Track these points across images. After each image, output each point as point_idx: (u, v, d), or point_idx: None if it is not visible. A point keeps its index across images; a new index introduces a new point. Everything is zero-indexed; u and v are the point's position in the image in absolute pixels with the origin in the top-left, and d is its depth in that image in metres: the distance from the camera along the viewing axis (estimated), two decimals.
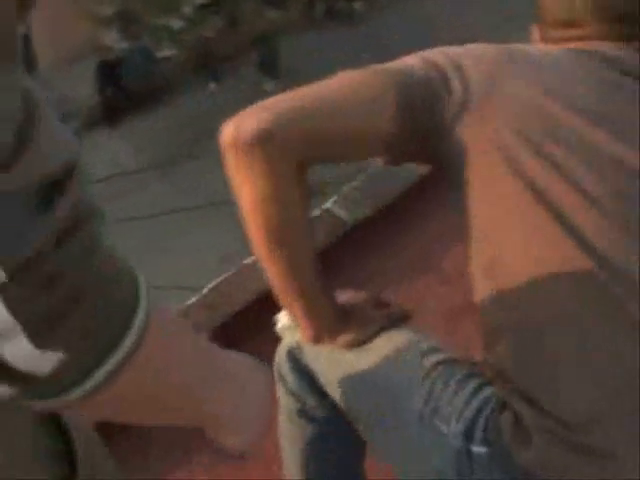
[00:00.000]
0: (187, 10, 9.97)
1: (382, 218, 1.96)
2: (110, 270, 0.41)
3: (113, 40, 9.24)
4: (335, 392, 0.99)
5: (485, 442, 0.80)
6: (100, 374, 0.41)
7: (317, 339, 0.96)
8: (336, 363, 0.98)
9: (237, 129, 0.81)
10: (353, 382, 0.95)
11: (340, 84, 0.87)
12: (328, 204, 1.98)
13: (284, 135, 0.81)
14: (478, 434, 0.81)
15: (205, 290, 1.83)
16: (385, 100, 0.84)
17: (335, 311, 0.95)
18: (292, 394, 1.07)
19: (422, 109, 0.84)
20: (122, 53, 9.28)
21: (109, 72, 9.04)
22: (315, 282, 0.91)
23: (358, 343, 0.95)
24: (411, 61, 0.88)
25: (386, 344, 0.94)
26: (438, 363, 0.89)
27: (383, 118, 0.84)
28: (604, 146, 0.80)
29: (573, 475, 0.75)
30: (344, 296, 1.00)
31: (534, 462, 0.77)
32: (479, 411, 0.82)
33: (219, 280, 1.86)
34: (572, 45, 0.90)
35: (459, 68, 0.85)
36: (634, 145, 0.80)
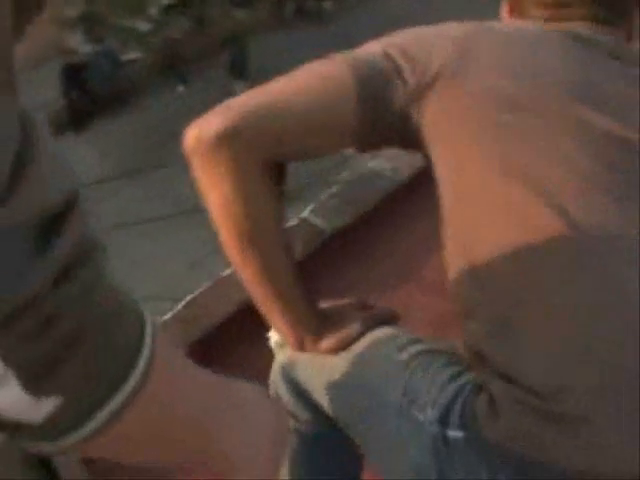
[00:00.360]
0: (153, 11, 9.92)
1: (361, 226, 1.95)
2: (113, 307, 0.40)
3: (78, 43, 9.15)
4: (323, 400, 0.98)
5: (461, 426, 0.80)
6: (101, 417, 0.39)
7: (300, 345, 0.95)
8: (322, 369, 0.97)
9: (200, 131, 0.82)
10: (337, 386, 0.95)
11: (302, 78, 0.88)
12: (305, 213, 1.98)
13: (248, 133, 0.81)
14: (454, 419, 0.81)
15: (182, 303, 1.81)
16: (346, 93, 0.85)
17: (316, 314, 0.95)
18: (287, 412, 1.05)
19: (382, 99, 0.85)
20: (87, 56, 9.20)
21: (74, 76, 8.95)
22: (292, 284, 0.91)
23: (342, 346, 0.95)
24: (374, 48, 0.89)
25: (364, 343, 0.94)
26: (417, 354, 0.89)
27: (345, 111, 0.85)
28: (586, 116, 0.82)
29: (545, 444, 0.75)
30: (326, 304, 1.00)
31: (505, 435, 0.76)
32: (455, 396, 0.82)
33: (197, 293, 1.84)
34: (553, 25, 0.92)
35: (423, 49, 0.86)
36: (620, 118, 0.82)
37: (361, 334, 0.95)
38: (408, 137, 0.88)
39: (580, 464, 0.73)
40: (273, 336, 1.06)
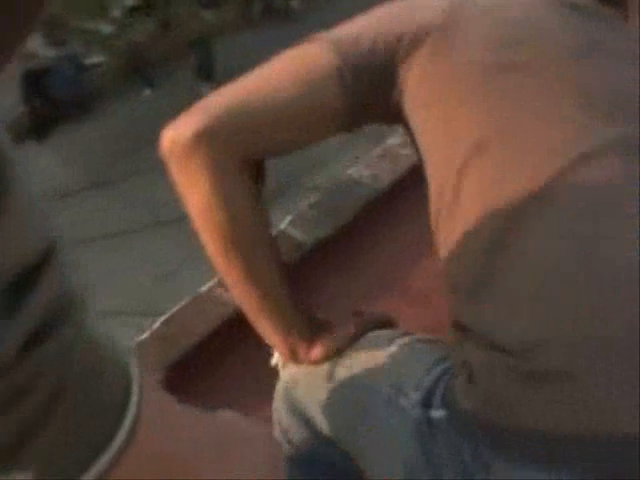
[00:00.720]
0: (116, 14, 9.82)
1: (342, 236, 1.94)
2: (94, 365, 0.37)
3: (38, 47, 9.01)
4: (319, 415, 0.96)
5: (443, 405, 0.79)
6: (87, 478, 0.37)
7: (292, 355, 0.94)
8: (319, 382, 0.95)
9: (175, 133, 0.82)
10: (331, 393, 0.93)
11: (279, 67, 0.88)
12: (283, 225, 1.95)
13: (224, 131, 0.81)
14: (437, 399, 0.80)
15: (158, 323, 1.78)
16: (327, 71, 0.85)
17: (307, 320, 0.94)
18: (288, 440, 1.03)
19: (365, 69, 0.85)
20: (48, 60, 9.07)
21: (35, 81, 8.82)
22: (279, 286, 0.90)
23: (335, 352, 0.93)
24: (353, 24, 0.90)
25: (357, 347, 0.94)
26: (405, 344, 0.89)
27: (328, 91, 0.85)
28: (586, 77, 0.82)
29: (522, 406, 0.73)
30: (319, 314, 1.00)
31: (481, 401, 0.75)
32: (439, 379, 0.82)
33: (173, 310, 1.81)
34: None
35: (407, 17, 0.87)
36: (620, 76, 0.82)
37: (354, 339, 0.94)
38: (393, 108, 0.87)
39: (562, 424, 0.70)
40: (277, 355, 1.03)
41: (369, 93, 0.87)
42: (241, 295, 0.90)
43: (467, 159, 0.80)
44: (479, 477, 0.74)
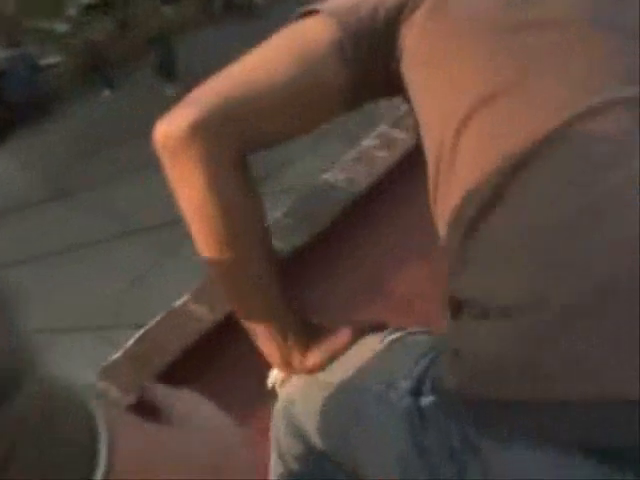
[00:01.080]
0: (72, 12, 9.73)
1: (320, 243, 1.90)
2: (50, 419, 0.38)
3: None
4: (315, 427, 0.94)
5: (433, 391, 0.79)
6: None
7: (286, 362, 0.94)
8: (313, 394, 0.95)
9: (169, 126, 0.81)
10: (326, 405, 0.92)
11: (275, 47, 0.86)
12: None
13: (218, 122, 0.81)
14: (426, 387, 0.79)
15: (131, 341, 1.73)
16: (329, 52, 0.84)
17: (301, 322, 0.93)
18: (285, 459, 1.01)
19: (365, 34, 0.85)
20: (2, 62, 8.95)
21: None
22: (274, 284, 0.89)
23: (330, 357, 0.93)
24: None
25: (351, 352, 0.93)
26: (396, 339, 0.89)
27: (330, 71, 0.84)
28: (599, 39, 0.81)
29: (510, 372, 0.71)
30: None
31: (465, 377, 0.74)
32: (428, 368, 0.81)
33: (147, 327, 1.76)
34: None
35: None
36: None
37: (350, 343, 0.93)
38: (393, 75, 0.87)
39: (552, 389, 0.68)
40: (273, 374, 1.02)
41: (369, 60, 0.87)
42: (233, 295, 0.91)
43: (470, 112, 0.80)
44: (470, 463, 0.73)
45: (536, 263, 0.73)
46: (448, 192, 0.82)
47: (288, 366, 0.95)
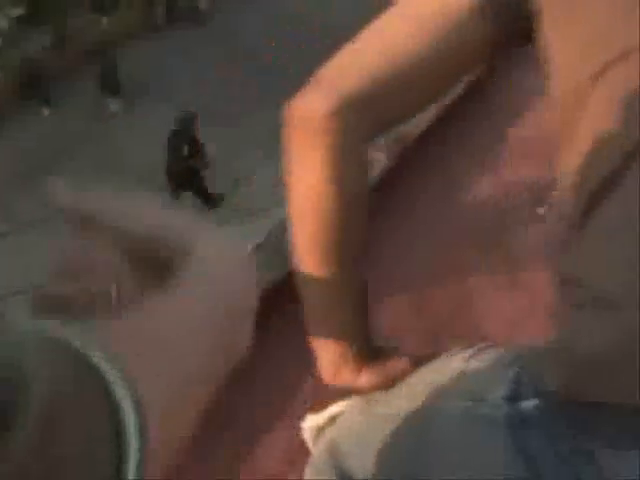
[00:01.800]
0: (2, 24, 9.54)
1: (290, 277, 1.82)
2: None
3: None
4: (377, 469, 0.90)
5: (534, 393, 0.79)
6: None
7: (337, 370, 0.91)
8: (371, 429, 0.92)
9: (307, 109, 0.82)
10: (392, 439, 0.89)
11: (412, 18, 0.86)
12: None
13: (365, 105, 0.82)
14: (526, 389, 0.80)
15: None
16: (469, 16, 0.83)
17: (368, 336, 0.92)
18: None
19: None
20: None
21: None
22: (362, 291, 0.89)
23: (383, 381, 0.92)
24: None
25: (410, 379, 0.92)
26: (469, 357, 0.89)
27: (474, 35, 0.84)
28: None
29: (622, 370, 0.71)
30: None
31: (573, 374, 0.75)
32: (520, 373, 0.81)
33: None
34: None
35: None
36: None
37: (408, 372, 0.92)
38: (527, 21, 0.84)
39: None
40: (309, 421, 0.99)
41: (507, 12, 0.85)
42: (316, 293, 0.90)
43: (610, 62, 0.77)
44: (583, 468, 0.73)
45: None
46: (574, 142, 0.79)
47: (336, 375, 0.93)
